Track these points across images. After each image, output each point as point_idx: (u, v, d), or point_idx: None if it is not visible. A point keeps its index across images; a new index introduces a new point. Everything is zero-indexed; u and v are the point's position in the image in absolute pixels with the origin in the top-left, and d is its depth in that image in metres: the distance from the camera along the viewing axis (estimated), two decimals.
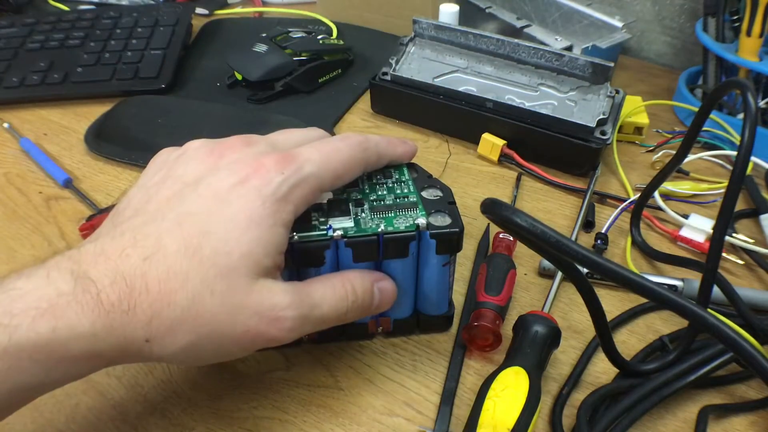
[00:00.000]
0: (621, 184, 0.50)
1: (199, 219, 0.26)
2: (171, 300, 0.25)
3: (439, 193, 0.34)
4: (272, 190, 0.27)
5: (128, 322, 0.24)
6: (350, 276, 0.30)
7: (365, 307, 0.31)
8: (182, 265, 0.25)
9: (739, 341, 0.24)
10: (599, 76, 0.50)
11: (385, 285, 0.32)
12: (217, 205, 0.26)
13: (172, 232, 0.26)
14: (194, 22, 0.74)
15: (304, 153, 0.29)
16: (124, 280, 0.24)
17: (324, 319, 0.29)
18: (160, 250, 0.25)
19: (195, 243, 0.25)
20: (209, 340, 0.26)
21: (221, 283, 0.25)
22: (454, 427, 0.32)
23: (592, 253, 0.25)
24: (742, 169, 0.29)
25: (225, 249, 0.26)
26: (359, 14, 0.74)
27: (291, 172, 0.28)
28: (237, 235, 0.26)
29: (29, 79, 0.60)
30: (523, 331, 0.34)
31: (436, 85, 0.53)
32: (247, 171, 0.27)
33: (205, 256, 0.25)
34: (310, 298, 0.28)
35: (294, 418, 0.33)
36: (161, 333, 0.25)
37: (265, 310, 0.26)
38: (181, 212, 0.26)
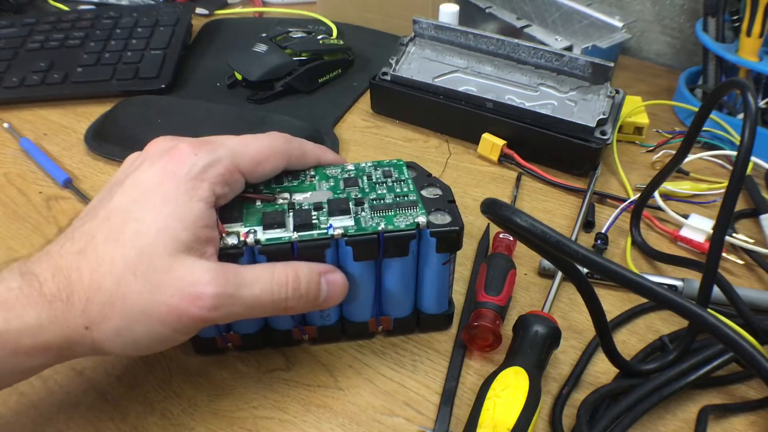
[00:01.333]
0: (621, 184, 0.50)
1: (124, 209, 0.28)
2: (100, 285, 0.26)
3: (438, 192, 0.34)
4: (186, 170, 0.28)
5: (68, 311, 0.26)
6: (295, 264, 0.30)
7: (310, 299, 0.30)
8: (109, 252, 0.26)
9: (739, 341, 0.24)
10: (599, 76, 0.50)
11: (335, 278, 0.31)
12: (139, 193, 0.28)
13: (101, 226, 0.27)
14: (194, 22, 0.74)
15: (221, 138, 0.31)
16: (62, 272, 0.26)
17: (256, 301, 0.28)
18: (91, 243, 0.27)
19: (118, 229, 0.27)
20: (139, 322, 0.27)
21: (142, 262, 0.26)
22: (454, 427, 0.32)
23: (592, 253, 0.25)
24: (742, 169, 0.29)
25: (143, 229, 0.27)
26: (359, 14, 0.74)
27: (204, 153, 0.29)
28: (154, 214, 0.27)
29: (29, 79, 0.60)
30: (523, 331, 0.34)
31: (436, 85, 0.53)
32: (164, 158, 0.29)
33: (127, 239, 0.27)
34: (237, 278, 0.28)
35: (294, 418, 0.33)
36: (96, 318, 0.26)
37: (184, 286, 0.27)
38: (110, 208, 0.28)
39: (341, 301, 0.32)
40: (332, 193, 0.33)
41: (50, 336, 0.26)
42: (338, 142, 0.54)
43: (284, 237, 0.30)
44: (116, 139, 0.53)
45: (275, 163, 0.32)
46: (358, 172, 0.35)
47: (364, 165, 0.36)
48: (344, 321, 0.35)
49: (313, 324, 0.35)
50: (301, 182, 0.34)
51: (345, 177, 0.35)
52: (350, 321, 0.35)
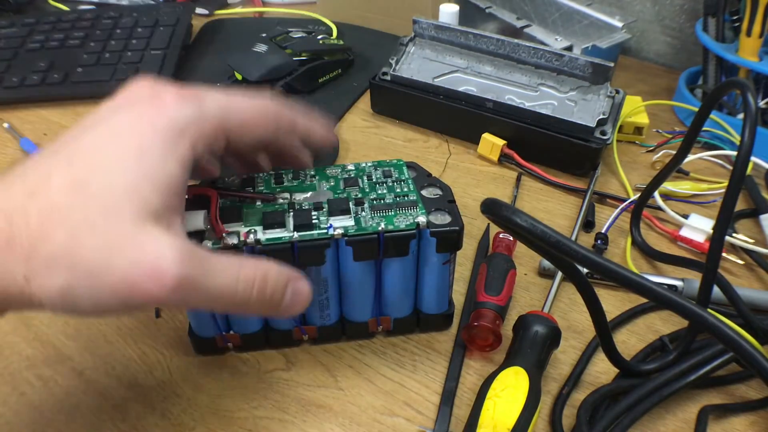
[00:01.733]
0: (621, 184, 0.50)
1: (90, 154, 0.24)
2: (49, 235, 0.23)
3: (438, 192, 0.34)
4: (167, 121, 0.25)
5: (6, 258, 0.23)
6: (265, 265, 0.27)
7: (272, 305, 0.28)
8: (66, 200, 0.23)
9: (739, 341, 0.24)
10: (599, 76, 0.50)
11: (301, 288, 0.29)
12: (111, 139, 0.25)
13: (61, 168, 0.24)
14: (194, 22, 0.74)
15: (210, 91, 0.28)
16: (4, 215, 0.23)
17: (218, 294, 0.26)
18: (44, 185, 0.24)
19: (81, 177, 0.24)
20: (85, 283, 0.23)
21: (103, 220, 0.23)
22: (454, 427, 0.32)
23: (592, 253, 0.25)
24: (742, 169, 0.29)
25: (110, 181, 0.24)
26: (359, 14, 0.74)
27: (191, 107, 0.26)
28: (123, 166, 0.24)
29: (29, 79, 0.60)
30: (523, 331, 0.34)
31: (436, 85, 0.53)
32: (144, 105, 0.26)
33: (90, 192, 0.23)
34: (205, 263, 0.25)
35: (294, 418, 0.33)
36: (38, 270, 0.23)
37: (146, 257, 0.23)
38: (74, 149, 0.25)
39: (300, 312, 0.30)
40: (332, 193, 0.33)
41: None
42: (338, 142, 0.54)
43: (284, 237, 0.30)
44: None
45: (264, 128, 0.30)
46: (358, 172, 0.35)
47: (364, 165, 0.36)
48: (344, 321, 0.35)
49: (313, 324, 0.35)
50: (301, 182, 0.34)
51: (345, 177, 0.35)
52: (350, 321, 0.35)
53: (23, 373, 0.34)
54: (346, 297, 0.34)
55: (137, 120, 0.25)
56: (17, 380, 0.34)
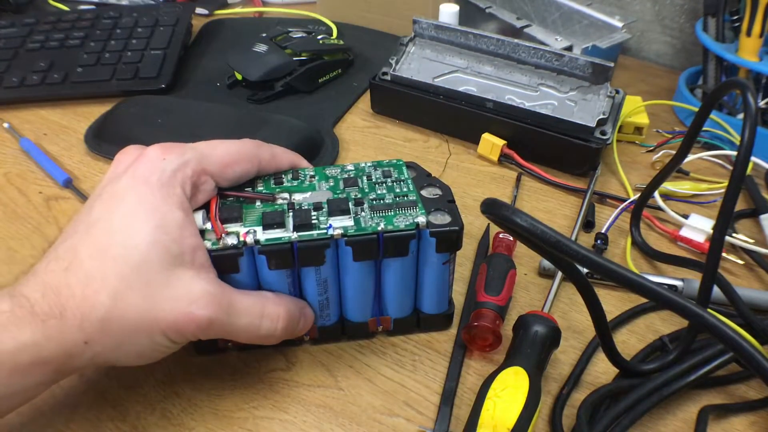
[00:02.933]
0: (621, 184, 0.50)
1: (104, 222, 0.28)
2: (95, 301, 0.26)
3: (438, 192, 0.34)
4: (157, 175, 0.28)
5: (63, 327, 0.26)
6: (286, 302, 0.31)
7: (290, 334, 0.32)
8: (97, 267, 0.26)
9: (739, 341, 0.24)
10: (599, 76, 0.50)
11: (309, 314, 0.33)
12: (116, 204, 0.28)
13: (83, 241, 0.27)
14: (194, 22, 0.74)
15: (189, 143, 0.31)
16: (51, 290, 0.26)
17: (242, 331, 0.30)
18: (76, 259, 0.27)
19: (103, 244, 0.27)
20: (140, 335, 0.27)
21: (137, 277, 0.27)
22: (454, 427, 0.32)
23: (592, 253, 0.25)
24: (742, 169, 0.29)
25: (132, 243, 0.27)
26: (359, 14, 0.74)
27: (173, 157, 0.29)
28: (138, 226, 0.27)
29: (29, 79, 0.60)
30: (523, 331, 0.34)
31: (436, 85, 0.53)
32: (133, 164, 0.29)
33: (117, 254, 0.27)
34: (230, 305, 0.29)
35: (294, 418, 0.33)
36: (95, 333, 0.26)
37: (182, 304, 0.27)
38: (89, 221, 0.28)
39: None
40: (332, 193, 0.33)
41: (48, 353, 0.26)
42: (338, 142, 0.54)
43: (284, 237, 0.30)
44: (116, 139, 0.53)
45: (244, 166, 0.32)
46: (357, 172, 0.35)
47: (364, 165, 0.36)
48: (344, 321, 0.35)
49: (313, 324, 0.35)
50: (300, 182, 0.34)
51: (345, 177, 0.35)
52: (350, 321, 0.35)
53: None
54: (346, 297, 0.34)
55: (131, 179, 0.29)
56: None
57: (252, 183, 0.34)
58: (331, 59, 0.63)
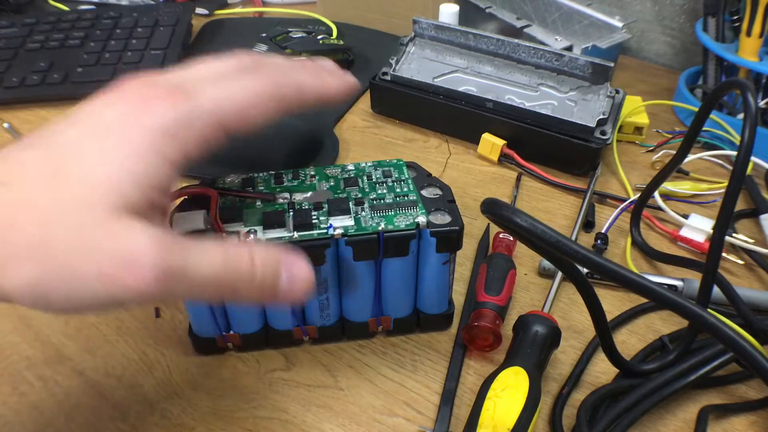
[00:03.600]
0: (621, 184, 0.50)
1: (71, 147, 0.23)
2: (18, 225, 0.22)
3: (438, 192, 0.34)
4: (157, 122, 0.24)
5: None
6: (254, 246, 0.26)
7: (265, 289, 0.26)
8: (38, 190, 0.22)
9: (739, 341, 0.24)
10: (599, 76, 0.50)
11: (299, 273, 0.26)
12: (94, 134, 0.24)
13: (38, 158, 0.23)
14: (194, 22, 0.74)
15: (202, 86, 0.26)
16: None
17: (203, 280, 0.24)
18: (19, 175, 0.23)
19: (58, 168, 0.23)
20: (58, 277, 0.22)
21: (77, 212, 0.22)
22: (454, 427, 0.32)
23: (592, 253, 0.25)
24: (742, 169, 0.29)
25: (86, 174, 0.23)
26: (359, 14, 0.74)
27: (184, 107, 0.24)
28: (103, 160, 0.23)
29: (29, 79, 0.60)
30: (523, 331, 0.34)
31: (436, 85, 0.53)
32: (133, 103, 0.24)
33: (64, 183, 0.22)
34: (183, 251, 0.24)
35: (294, 418, 0.33)
36: (6, 260, 0.22)
37: (121, 250, 0.22)
38: (55, 141, 0.24)
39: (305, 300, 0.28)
40: (332, 193, 0.33)
41: None
42: (338, 142, 0.54)
43: (284, 237, 0.30)
44: None
45: (266, 113, 0.27)
46: (358, 172, 0.35)
47: (364, 165, 0.36)
48: (344, 321, 0.35)
49: (313, 324, 0.35)
50: (301, 182, 0.34)
51: (345, 177, 0.35)
52: (350, 321, 0.35)
53: (23, 373, 0.34)
54: (346, 297, 0.34)
55: (124, 117, 0.24)
56: (17, 380, 0.34)
57: (252, 183, 0.34)
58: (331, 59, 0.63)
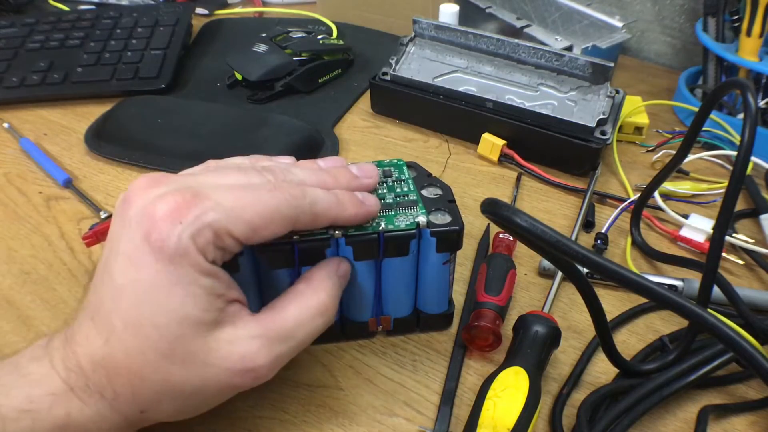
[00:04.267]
0: (621, 184, 0.50)
1: (127, 292, 0.26)
2: (141, 376, 0.26)
3: (438, 192, 0.34)
4: (175, 244, 0.25)
5: (119, 402, 0.26)
6: (319, 278, 0.30)
7: (337, 303, 0.30)
8: (134, 343, 0.25)
9: (739, 341, 0.24)
10: (599, 76, 0.50)
11: (345, 268, 0.31)
12: (134, 272, 0.25)
13: (114, 311, 0.26)
14: (194, 22, 0.74)
15: (214, 195, 0.26)
16: (100, 366, 0.26)
17: (302, 344, 0.29)
18: (113, 334, 0.26)
19: (134, 318, 0.25)
20: (192, 401, 0.27)
21: (176, 351, 0.25)
22: (454, 427, 0.32)
23: (592, 253, 0.25)
24: (742, 169, 0.29)
25: (162, 321, 0.25)
26: (359, 14, 0.74)
27: (190, 219, 0.25)
28: (163, 301, 0.25)
29: (29, 79, 0.60)
30: (523, 331, 0.34)
31: (436, 85, 0.53)
32: (145, 226, 0.25)
33: (150, 333, 0.25)
34: (282, 331, 0.28)
35: (294, 418, 0.33)
36: (149, 405, 0.26)
37: (233, 364, 0.26)
38: (113, 287, 0.26)
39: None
40: None
41: (111, 424, 0.26)
42: (338, 142, 0.54)
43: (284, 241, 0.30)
44: (116, 139, 0.53)
45: (276, 230, 0.27)
46: None
47: None
48: (344, 320, 0.35)
49: None
50: None
51: None
52: (351, 320, 0.35)
53: None
54: (347, 296, 0.34)
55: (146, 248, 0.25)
56: None
57: None
58: (331, 59, 0.63)
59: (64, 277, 0.41)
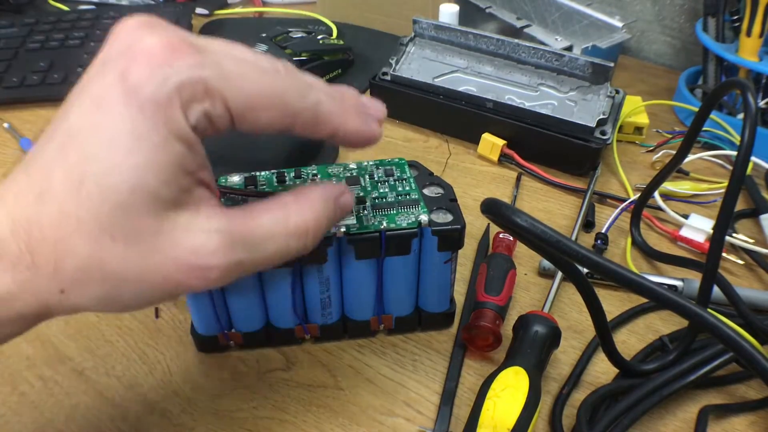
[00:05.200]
0: (621, 184, 0.50)
1: (79, 138, 0.21)
2: (69, 247, 0.21)
3: (440, 191, 0.34)
4: (153, 88, 0.20)
5: (36, 275, 0.21)
6: (313, 203, 0.25)
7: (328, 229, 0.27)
8: (71, 204, 0.21)
9: (739, 341, 0.24)
10: (599, 76, 0.50)
11: (346, 200, 0.27)
12: (94, 115, 0.21)
13: (57, 159, 0.21)
14: (194, 22, 0.74)
15: (217, 48, 0.22)
16: (21, 227, 0.21)
17: (269, 260, 0.24)
18: (49, 186, 0.21)
19: (79, 173, 0.21)
20: (126, 289, 0.22)
21: (119, 224, 0.21)
22: (454, 427, 0.32)
23: (592, 253, 0.25)
24: (742, 169, 0.29)
25: (110, 181, 0.21)
26: (359, 14, 0.74)
27: (182, 66, 0.21)
28: (119, 159, 0.20)
29: (29, 79, 0.60)
30: (523, 331, 0.34)
31: (436, 85, 0.53)
32: (126, 59, 0.21)
33: (92, 192, 0.21)
34: (249, 237, 0.23)
35: (294, 418, 0.33)
36: (72, 283, 0.22)
37: (183, 254, 0.22)
38: (64, 129, 0.21)
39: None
40: None
41: (23, 304, 0.22)
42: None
43: None
44: None
45: (273, 116, 0.23)
46: (360, 171, 0.35)
47: (366, 164, 0.36)
48: (346, 319, 0.35)
49: (315, 322, 0.35)
50: (303, 181, 0.34)
51: (347, 176, 0.35)
52: (352, 319, 0.35)
53: (23, 373, 0.34)
54: (348, 295, 0.34)
55: (121, 87, 0.21)
56: (17, 380, 0.34)
57: (254, 182, 0.34)
58: (331, 59, 0.63)
59: None
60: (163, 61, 0.21)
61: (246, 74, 0.22)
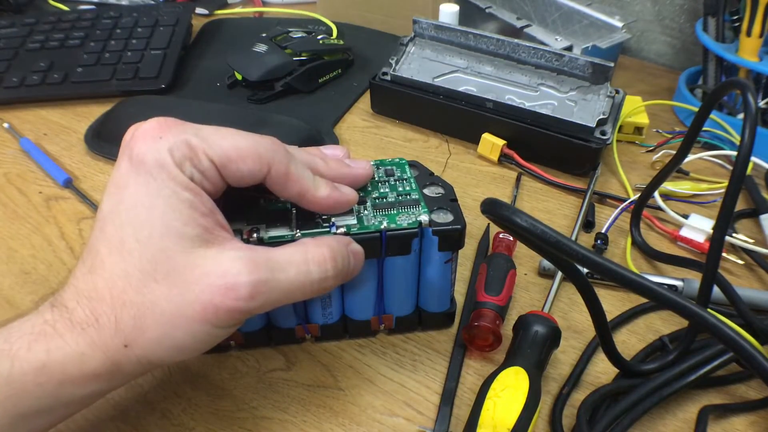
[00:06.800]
0: (621, 184, 0.50)
1: (112, 215, 0.26)
2: (124, 300, 0.25)
3: (441, 191, 0.34)
4: (154, 156, 0.26)
5: (101, 334, 0.25)
6: (326, 240, 0.29)
7: (345, 275, 0.29)
8: (118, 265, 0.25)
9: (739, 341, 0.24)
10: (599, 76, 0.50)
11: (356, 248, 0.30)
12: (119, 194, 0.26)
13: (100, 238, 0.26)
14: (194, 22, 0.74)
15: (196, 125, 0.28)
16: (83, 296, 0.25)
17: (292, 285, 0.27)
18: (97, 259, 0.26)
19: (117, 239, 0.25)
20: (176, 327, 0.25)
21: (159, 266, 0.25)
22: (454, 427, 0.32)
23: (592, 253, 0.25)
24: (742, 169, 0.29)
25: (143, 235, 0.25)
26: (359, 14, 0.74)
27: (170, 135, 0.26)
28: (145, 216, 0.25)
29: (29, 79, 0.60)
30: (523, 331, 0.34)
31: (436, 85, 0.53)
32: (129, 145, 0.27)
33: (133, 248, 0.25)
34: (269, 261, 0.27)
35: (294, 418, 0.33)
36: (132, 334, 0.25)
37: (213, 279, 0.25)
38: (101, 217, 0.26)
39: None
40: None
41: (94, 363, 0.25)
42: (338, 142, 0.54)
43: (287, 235, 0.30)
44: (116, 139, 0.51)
45: (252, 167, 0.27)
46: None
47: None
48: (346, 319, 0.35)
49: (315, 322, 0.35)
50: None
51: None
52: (352, 319, 0.35)
53: None
54: (349, 295, 0.34)
55: (128, 164, 0.26)
56: None
57: None
58: (331, 59, 0.63)
59: (64, 277, 0.41)
60: (156, 135, 0.26)
61: (222, 135, 0.27)
